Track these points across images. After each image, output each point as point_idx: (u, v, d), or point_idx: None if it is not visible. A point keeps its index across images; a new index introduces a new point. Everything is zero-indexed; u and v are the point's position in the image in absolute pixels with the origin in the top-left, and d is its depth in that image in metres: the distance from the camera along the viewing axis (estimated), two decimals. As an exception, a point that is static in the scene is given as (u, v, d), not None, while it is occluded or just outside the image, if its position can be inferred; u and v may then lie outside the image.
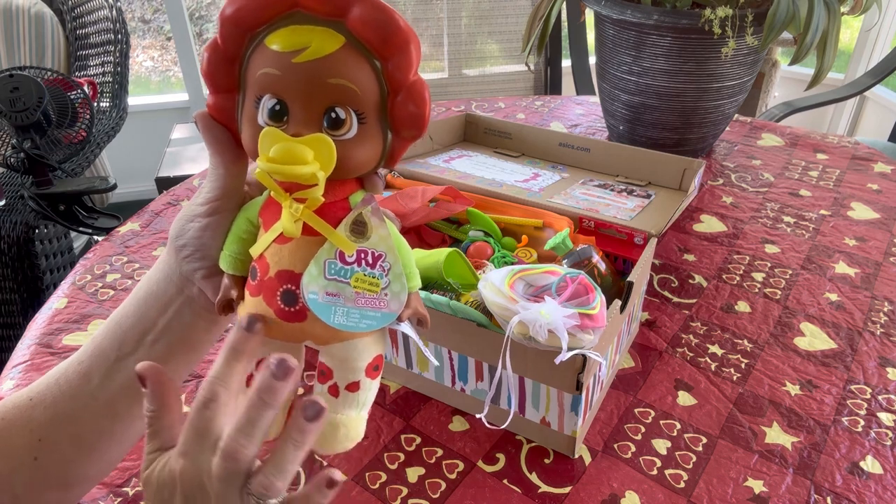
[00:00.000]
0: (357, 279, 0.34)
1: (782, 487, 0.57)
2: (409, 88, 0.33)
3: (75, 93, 1.36)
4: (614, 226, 0.70)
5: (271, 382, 0.33)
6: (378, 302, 0.35)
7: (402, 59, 0.32)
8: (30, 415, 0.42)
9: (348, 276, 0.34)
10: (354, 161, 0.33)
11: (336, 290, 0.34)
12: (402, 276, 0.35)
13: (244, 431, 0.33)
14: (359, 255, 0.34)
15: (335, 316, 0.34)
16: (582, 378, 0.54)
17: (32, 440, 0.42)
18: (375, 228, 0.35)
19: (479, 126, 0.94)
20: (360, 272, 0.34)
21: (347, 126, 0.32)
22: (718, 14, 0.90)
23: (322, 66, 0.31)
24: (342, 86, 0.32)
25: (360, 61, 0.32)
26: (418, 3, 1.74)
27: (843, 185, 1.06)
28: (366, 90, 0.32)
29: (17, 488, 0.42)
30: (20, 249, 1.29)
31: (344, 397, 0.38)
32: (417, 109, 0.33)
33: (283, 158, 0.31)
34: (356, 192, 0.36)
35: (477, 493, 0.57)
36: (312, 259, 0.34)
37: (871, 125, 2.51)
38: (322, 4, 0.31)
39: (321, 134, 0.32)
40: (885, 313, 0.78)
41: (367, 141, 0.33)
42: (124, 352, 0.42)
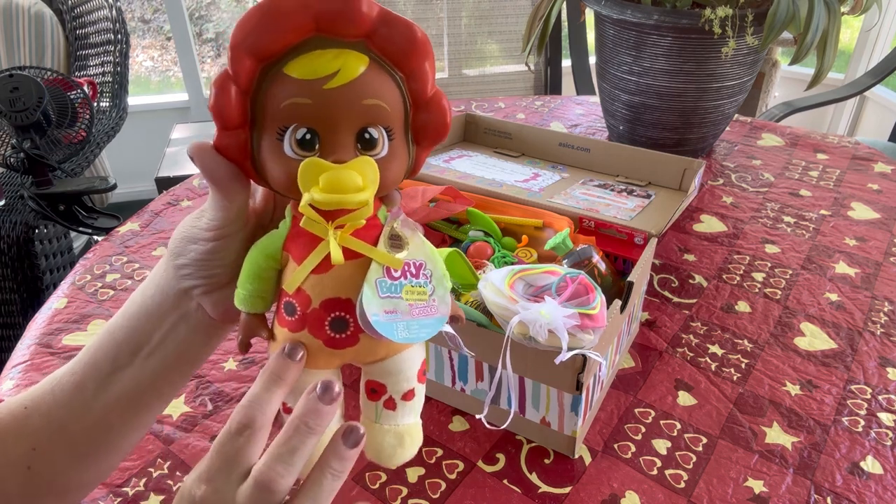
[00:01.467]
0: (407, 291, 0.35)
1: (782, 487, 0.57)
2: (431, 99, 0.33)
3: (75, 93, 1.36)
4: (614, 226, 0.70)
5: (317, 406, 0.32)
6: (430, 309, 0.35)
7: (422, 72, 0.32)
8: (24, 423, 0.41)
9: (399, 290, 0.34)
10: (389, 178, 0.34)
11: (392, 306, 0.34)
12: (444, 278, 0.36)
13: (283, 460, 0.31)
14: (403, 269, 0.35)
15: (398, 331, 0.34)
16: (582, 378, 0.54)
17: (27, 449, 0.41)
18: (410, 239, 0.35)
19: (479, 126, 0.94)
20: (407, 284, 0.35)
21: (380, 145, 0.33)
22: (718, 14, 0.90)
23: (355, 89, 0.31)
24: (376, 105, 0.32)
25: (386, 78, 0.32)
26: (418, 3, 1.74)
27: (843, 185, 1.06)
28: (394, 106, 0.33)
29: (11, 495, 0.41)
30: (20, 249, 1.29)
31: (401, 408, 0.38)
32: (440, 118, 0.34)
33: (337, 188, 0.30)
34: (380, 208, 0.36)
35: (477, 493, 0.57)
36: (364, 282, 0.33)
37: (871, 125, 2.51)
38: (347, 27, 0.31)
39: (366, 157, 0.32)
40: (886, 313, 0.78)
41: (397, 156, 0.34)
42: (118, 365, 0.41)
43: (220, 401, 0.66)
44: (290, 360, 0.34)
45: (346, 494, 0.56)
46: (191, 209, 1.00)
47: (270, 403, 0.33)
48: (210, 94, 0.32)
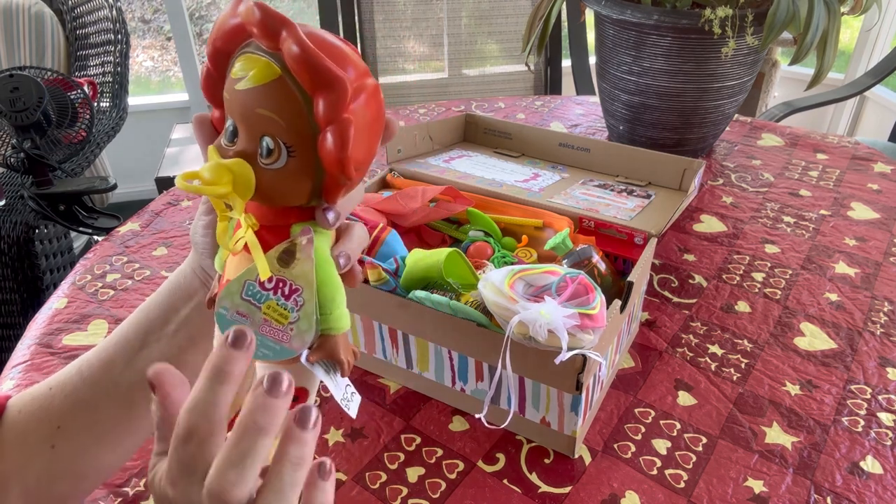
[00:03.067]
0: (269, 306, 0.34)
1: (782, 487, 0.57)
2: (333, 128, 0.32)
3: (75, 93, 1.36)
4: (614, 226, 0.70)
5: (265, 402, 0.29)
6: (281, 334, 0.34)
7: (327, 98, 0.31)
8: (49, 404, 0.43)
9: (262, 300, 0.34)
10: (280, 191, 0.33)
11: (247, 311, 0.34)
12: (314, 316, 0.34)
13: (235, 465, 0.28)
14: (277, 284, 0.34)
15: None
16: (582, 378, 0.54)
17: (51, 428, 0.43)
18: (301, 262, 0.34)
19: (479, 126, 0.94)
20: (273, 300, 0.34)
21: (276, 156, 0.32)
22: (718, 14, 0.90)
23: (253, 96, 0.32)
24: (268, 117, 0.32)
25: (291, 96, 0.32)
26: (418, 3, 1.74)
27: (843, 185, 1.06)
28: (292, 125, 0.32)
29: (29, 479, 0.43)
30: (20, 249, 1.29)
31: None
32: (337, 150, 0.32)
33: (207, 177, 0.32)
34: (301, 223, 0.35)
35: (477, 493, 0.57)
36: (235, 277, 0.35)
37: (871, 125, 2.51)
38: (261, 37, 0.32)
39: (240, 160, 0.32)
40: (885, 313, 0.78)
41: (293, 174, 0.33)
42: (148, 340, 0.43)
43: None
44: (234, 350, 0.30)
45: (346, 494, 0.56)
46: (191, 209, 1.00)
47: (216, 406, 0.29)
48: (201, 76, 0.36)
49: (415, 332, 0.62)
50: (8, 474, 0.42)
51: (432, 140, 0.90)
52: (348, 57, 0.33)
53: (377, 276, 0.61)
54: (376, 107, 0.34)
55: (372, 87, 0.33)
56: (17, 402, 0.44)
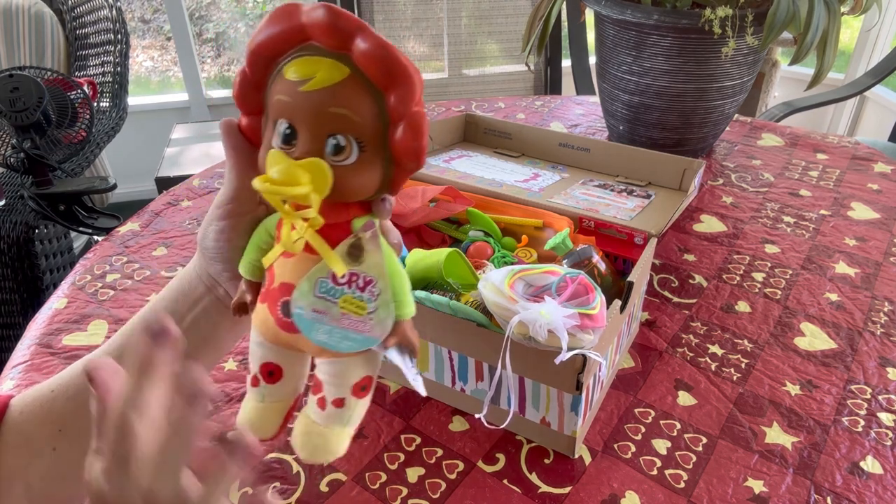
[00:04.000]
0: (345, 300, 0.35)
1: (782, 487, 0.57)
2: (408, 121, 0.34)
3: (75, 93, 1.36)
4: (614, 226, 0.70)
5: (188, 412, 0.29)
6: (362, 325, 0.35)
7: (401, 92, 0.33)
8: (51, 406, 0.43)
9: (337, 296, 0.35)
10: (353, 186, 0.35)
11: (324, 307, 0.35)
12: (391, 303, 0.36)
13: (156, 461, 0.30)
14: (350, 278, 0.35)
15: (318, 333, 0.35)
16: (582, 378, 0.54)
17: (52, 431, 0.43)
18: (370, 254, 0.35)
19: (479, 126, 0.94)
20: (349, 294, 0.35)
21: (347, 153, 0.34)
22: (718, 14, 0.90)
23: (325, 96, 0.33)
24: (343, 115, 0.33)
25: (363, 92, 0.33)
26: (418, 3, 1.74)
27: (843, 185, 1.06)
28: (366, 120, 0.33)
29: (32, 479, 0.43)
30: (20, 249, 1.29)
31: (330, 411, 0.39)
32: (414, 141, 0.34)
33: (280, 179, 0.32)
34: (361, 216, 0.37)
35: (477, 493, 0.57)
36: (306, 275, 0.35)
37: (871, 125, 2.51)
38: (329, 38, 0.33)
39: (317, 158, 0.33)
40: (886, 313, 0.78)
41: (366, 168, 0.34)
42: None
43: (220, 401, 0.66)
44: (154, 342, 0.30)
45: (346, 495, 0.57)
46: (191, 209, 1.00)
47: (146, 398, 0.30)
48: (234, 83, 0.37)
49: (415, 332, 0.62)
50: (10, 475, 0.42)
51: (432, 140, 0.90)
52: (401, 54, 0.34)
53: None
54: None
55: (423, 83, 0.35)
56: (18, 402, 0.44)
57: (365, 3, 1.68)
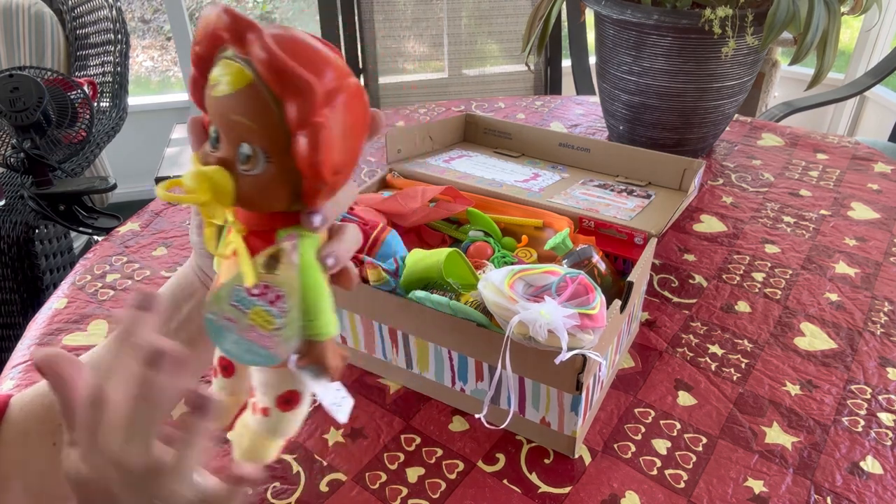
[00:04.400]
0: (255, 312, 0.34)
1: (782, 487, 0.57)
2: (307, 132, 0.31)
3: (75, 93, 1.36)
4: (614, 226, 0.70)
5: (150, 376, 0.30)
6: (268, 340, 0.34)
7: (298, 102, 0.31)
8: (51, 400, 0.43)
9: (249, 307, 0.34)
10: (259, 197, 0.33)
11: (235, 316, 0.34)
12: (297, 323, 0.34)
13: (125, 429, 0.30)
14: (263, 290, 0.34)
15: (225, 341, 0.35)
16: (582, 378, 0.54)
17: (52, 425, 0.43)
18: (285, 268, 0.34)
19: (479, 126, 0.94)
20: (259, 306, 0.34)
21: (253, 163, 0.32)
22: (718, 14, 0.90)
23: (227, 103, 0.32)
24: (242, 123, 0.32)
25: (262, 101, 0.31)
26: (418, 3, 1.74)
27: (843, 185, 1.06)
28: (267, 130, 0.32)
29: (31, 474, 0.43)
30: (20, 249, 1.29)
31: (258, 419, 0.39)
32: (312, 155, 0.31)
33: (187, 185, 0.32)
34: (289, 227, 0.35)
35: (477, 493, 0.57)
36: (224, 281, 0.35)
37: (871, 125, 2.51)
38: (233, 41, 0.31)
39: (219, 167, 0.32)
40: (885, 313, 0.78)
41: (271, 180, 0.33)
42: None
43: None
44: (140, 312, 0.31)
45: (346, 495, 0.57)
46: (190, 209, 1.00)
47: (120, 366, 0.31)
48: None
49: (415, 333, 0.62)
50: (10, 471, 0.43)
51: (432, 140, 0.90)
52: (325, 59, 0.32)
53: (377, 276, 0.61)
54: (358, 108, 0.33)
55: (352, 89, 0.33)
56: (19, 400, 0.44)
57: (365, 3, 1.68)
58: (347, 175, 0.34)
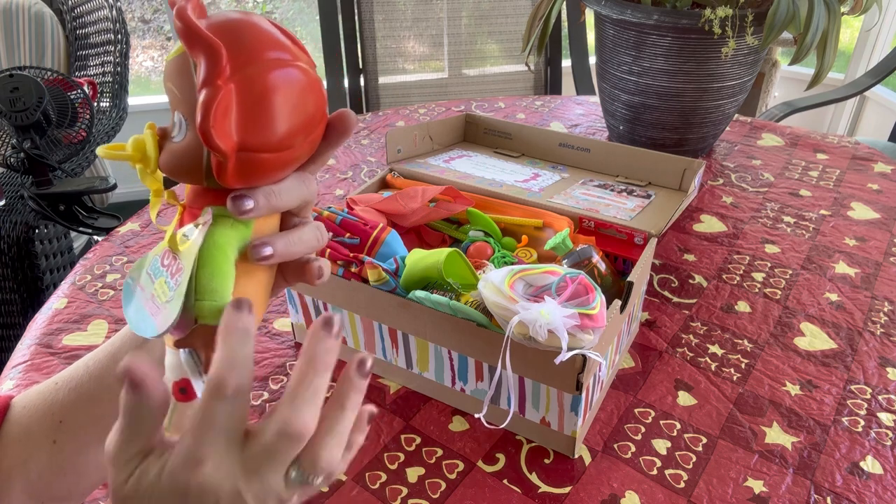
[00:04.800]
0: (159, 283, 0.34)
1: (782, 487, 0.57)
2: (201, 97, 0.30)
3: (75, 93, 1.36)
4: (614, 226, 0.70)
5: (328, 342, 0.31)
6: (156, 311, 0.33)
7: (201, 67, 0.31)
8: (54, 398, 0.43)
9: (157, 277, 0.34)
10: (177, 165, 0.33)
11: (145, 284, 0.35)
12: (181, 299, 0.32)
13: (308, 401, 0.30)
14: (170, 262, 0.34)
15: (130, 307, 0.35)
16: (582, 378, 0.54)
17: (53, 422, 0.43)
18: (191, 242, 0.33)
19: (479, 126, 0.94)
20: (163, 278, 0.34)
21: (177, 129, 0.33)
22: (718, 14, 0.90)
23: (166, 71, 0.33)
24: (170, 90, 0.33)
25: (186, 68, 0.32)
26: (418, 3, 1.74)
27: (843, 185, 1.06)
28: (185, 97, 0.32)
29: (31, 474, 0.43)
30: (20, 249, 1.29)
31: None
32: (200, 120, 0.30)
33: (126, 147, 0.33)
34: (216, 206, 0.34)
35: (477, 493, 0.57)
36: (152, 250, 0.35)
37: (871, 125, 2.51)
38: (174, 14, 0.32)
39: (148, 132, 0.33)
40: (885, 313, 0.78)
41: (187, 149, 0.33)
42: None
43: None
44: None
45: (346, 494, 0.56)
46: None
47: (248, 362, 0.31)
48: None
49: (415, 333, 0.62)
50: (11, 469, 0.43)
51: (432, 140, 0.90)
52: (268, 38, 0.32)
53: (377, 276, 0.61)
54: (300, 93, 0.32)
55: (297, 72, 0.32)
56: (21, 398, 0.45)
57: (365, 3, 1.68)
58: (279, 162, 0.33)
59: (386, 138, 0.82)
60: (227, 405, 0.29)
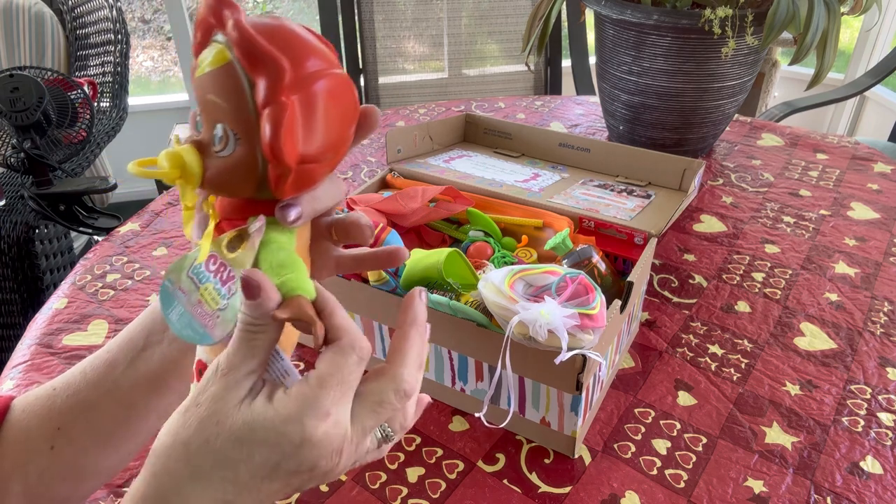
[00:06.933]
0: (206, 288, 0.34)
1: (782, 487, 0.57)
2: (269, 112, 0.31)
3: (75, 93, 1.36)
4: (614, 226, 0.70)
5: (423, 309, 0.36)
6: (207, 318, 0.34)
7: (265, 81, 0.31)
8: (52, 404, 0.43)
9: (203, 281, 0.34)
10: (226, 180, 0.33)
11: (188, 288, 0.34)
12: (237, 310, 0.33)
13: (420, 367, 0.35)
14: (219, 268, 0.34)
15: (172, 311, 0.35)
16: (582, 378, 0.54)
17: (51, 428, 0.43)
18: (245, 251, 0.34)
19: (479, 126, 0.94)
20: (211, 283, 0.34)
21: (224, 143, 0.32)
22: (718, 14, 0.90)
23: (206, 82, 0.32)
24: (214, 102, 0.32)
25: (235, 80, 0.31)
26: (418, 3, 1.74)
27: (843, 185, 1.06)
28: (236, 110, 0.32)
29: (30, 478, 0.43)
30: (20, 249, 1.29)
31: None
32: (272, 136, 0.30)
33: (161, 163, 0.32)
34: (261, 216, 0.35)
35: (477, 493, 0.57)
36: (188, 252, 0.35)
37: (871, 125, 2.51)
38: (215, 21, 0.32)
39: (190, 146, 0.33)
40: (885, 313, 0.78)
41: (238, 162, 0.32)
42: (151, 341, 0.43)
43: None
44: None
45: (346, 494, 0.57)
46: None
47: None
48: None
49: (415, 332, 0.62)
50: (9, 473, 0.43)
51: (432, 140, 0.90)
52: (307, 46, 0.32)
53: (377, 276, 0.61)
54: (342, 100, 0.33)
55: (337, 79, 0.32)
56: (20, 401, 0.44)
57: (365, 3, 1.68)
58: (324, 168, 0.33)
59: (386, 138, 0.82)
60: (360, 367, 0.33)
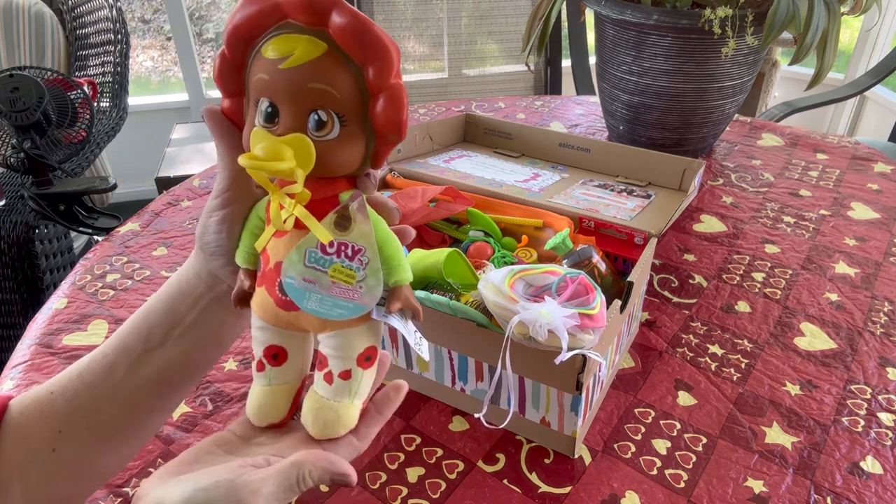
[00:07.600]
0: (335, 269, 0.36)
1: (782, 487, 0.57)
2: (387, 93, 0.34)
3: (75, 93, 1.36)
4: (614, 226, 0.70)
5: None
6: (352, 293, 0.36)
7: (379, 66, 0.34)
8: (50, 407, 0.43)
9: (327, 265, 0.36)
10: (336, 160, 0.35)
11: (313, 277, 0.36)
12: (380, 272, 0.37)
13: None
14: (339, 248, 0.36)
15: (308, 301, 0.36)
16: (582, 378, 0.54)
17: (52, 432, 0.42)
18: (358, 224, 0.36)
19: (479, 126, 0.94)
20: (338, 263, 0.36)
21: (329, 128, 0.34)
22: (718, 14, 0.90)
23: (304, 72, 0.34)
24: (322, 90, 0.34)
25: (341, 67, 0.34)
26: (418, 3, 1.74)
27: (843, 185, 1.06)
28: (345, 94, 0.34)
29: (31, 478, 0.42)
30: (20, 249, 1.29)
31: (337, 385, 0.39)
32: (394, 114, 0.35)
33: (265, 155, 0.33)
34: (347, 190, 0.37)
35: (477, 493, 0.57)
36: (294, 247, 0.36)
37: (871, 125, 2.51)
38: (305, 15, 0.34)
39: (300, 134, 0.34)
40: (885, 313, 0.78)
41: (348, 142, 0.35)
42: (150, 345, 0.43)
43: (220, 401, 0.66)
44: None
45: (346, 495, 0.57)
46: (191, 209, 1.00)
47: None
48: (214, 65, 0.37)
49: (415, 332, 0.62)
50: (9, 475, 0.42)
51: (432, 140, 0.90)
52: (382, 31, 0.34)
53: (377, 276, 0.60)
54: None
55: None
56: (18, 403, 0.44)
57: (365, 3, 1.68)
58: None
59: (386, 138, 0.82)
60: None
